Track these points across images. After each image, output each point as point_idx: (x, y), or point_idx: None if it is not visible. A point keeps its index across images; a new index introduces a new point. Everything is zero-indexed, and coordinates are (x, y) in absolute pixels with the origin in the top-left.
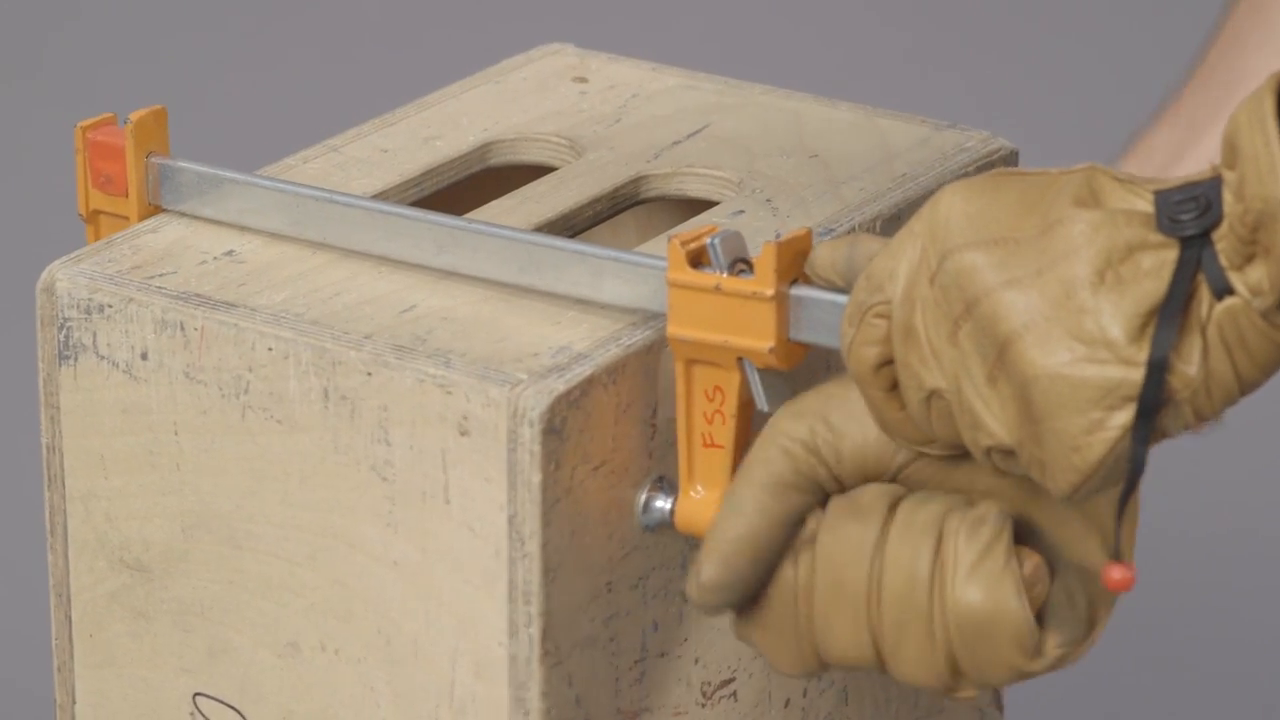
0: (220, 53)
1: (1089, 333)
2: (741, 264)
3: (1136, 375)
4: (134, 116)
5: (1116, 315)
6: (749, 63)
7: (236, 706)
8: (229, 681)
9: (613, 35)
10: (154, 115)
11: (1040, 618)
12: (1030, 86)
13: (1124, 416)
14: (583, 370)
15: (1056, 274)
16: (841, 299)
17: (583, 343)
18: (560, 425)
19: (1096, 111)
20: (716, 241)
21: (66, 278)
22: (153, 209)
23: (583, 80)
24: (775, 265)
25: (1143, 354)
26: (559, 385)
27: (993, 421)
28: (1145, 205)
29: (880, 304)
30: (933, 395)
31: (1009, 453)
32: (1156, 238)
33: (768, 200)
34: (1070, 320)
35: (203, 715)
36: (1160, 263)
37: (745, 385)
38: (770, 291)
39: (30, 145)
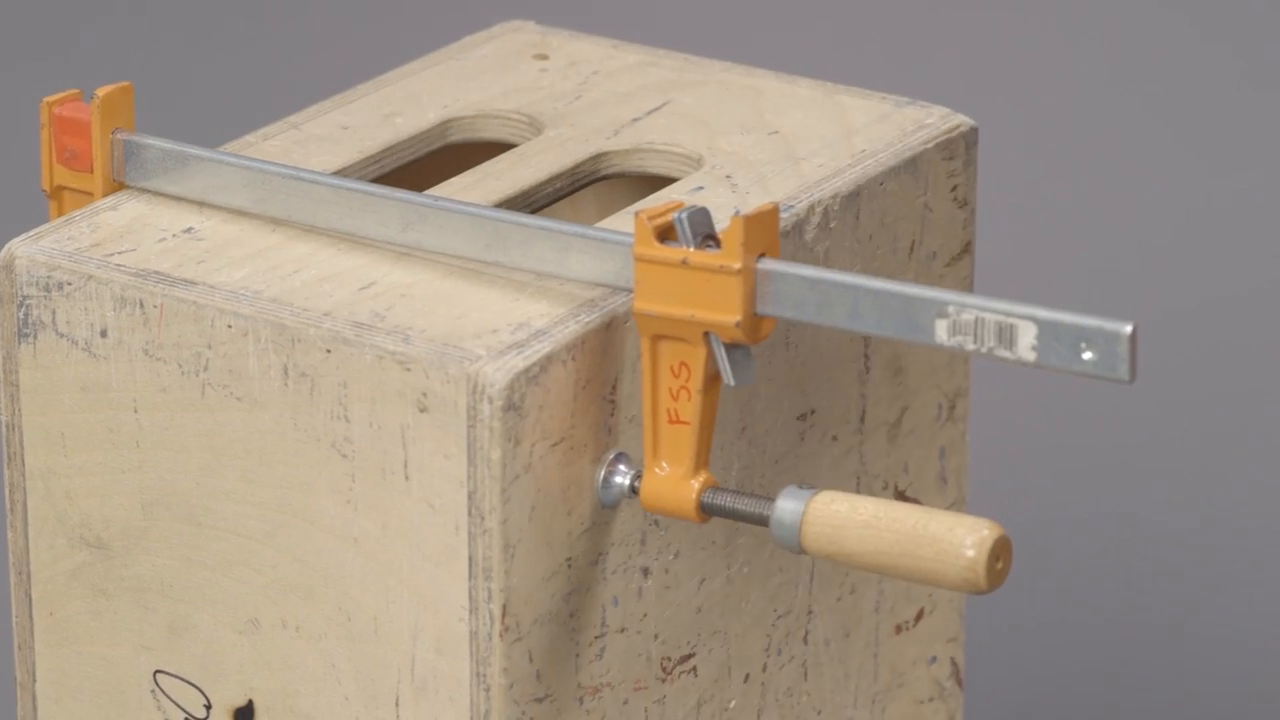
0: (181, 31)
1: None
2: (708, 239)
3: None
4: (101, 92)
5: None
6: (711, 40)
7: (197, 684)
8: (190, 659)
9: (575, 12)
10: (121, 91)
11: None
12: (988, 63)
13: None
14: (542, 347)
15: None
16: (809, 272)
17: (542, 319)
18: (520, 401)
19: (1055, 87)
20: (684, 216)
21: (25, 255)
22: (116, 185)
23: (543, 57)
24: (743, 239)
25: None
26: (519, 362)
27: None
28: None
29: None
30: None
31: None
32: None
33: (727, 176)
34: None
35: (164, 693)
36: None
37: (711, 360)
38: (738, 265)
39: None
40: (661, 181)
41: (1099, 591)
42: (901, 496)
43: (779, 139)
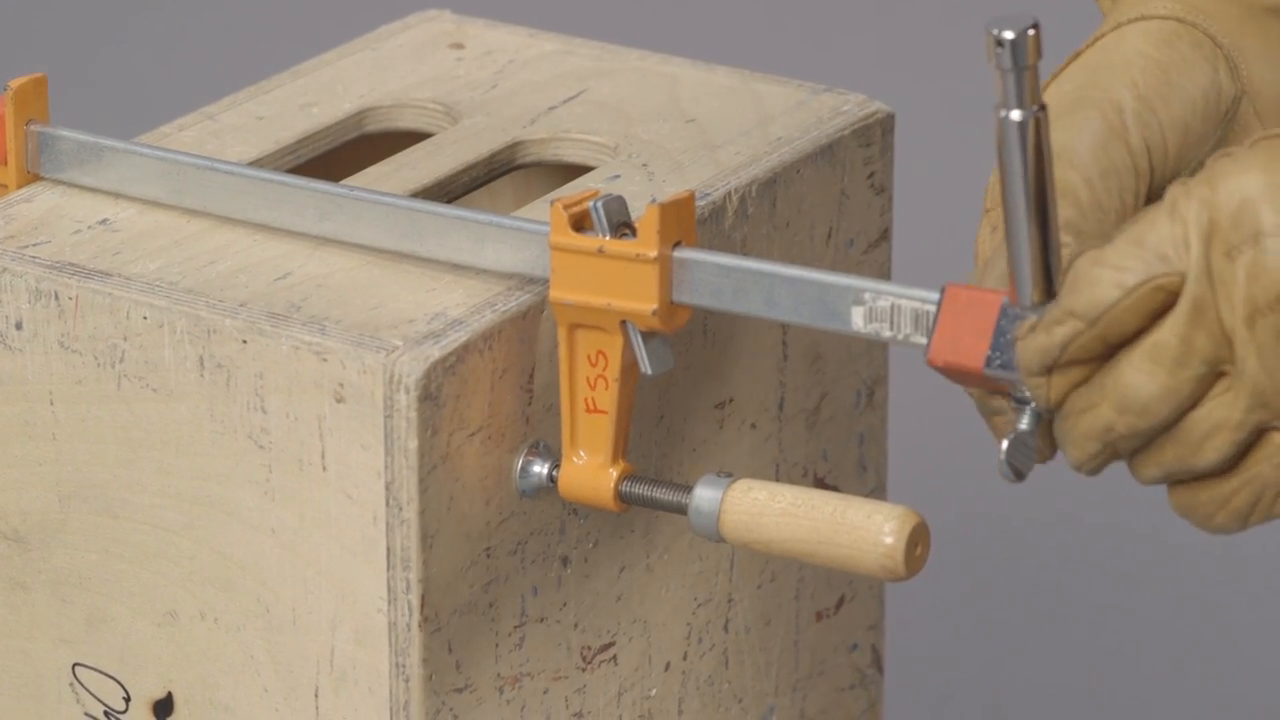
0: (96, 21)
1: None
2: (624, 227)
3: None
4: (14, 84)
5: None
6: (627, 28)
7: (116, 676)
8: (108, 652)
9: (491, 1)
10: (34, 83)
11: None
12: (905, 49)
13: None
14: (459, 336)
15: None
16: (725, 260)
17: (458, 308)
18: (436, 391)
19: (972, 71)
20: (599, 205)
21: None
22: (31, 177)
23: (459, 46)
24: (658, 227)
25: None
26: (435, 351)
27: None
28: None
29: (1167, 276)
30: (1208, 375)
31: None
32: None
33: (644, 165)
34: None
35: (82, 686)
36: None
37: (628, 349)
38: (654, 253)
39: None
40: (578, 170)
41: (1019, 578)
42: (821, 484)
43: (695, 127)
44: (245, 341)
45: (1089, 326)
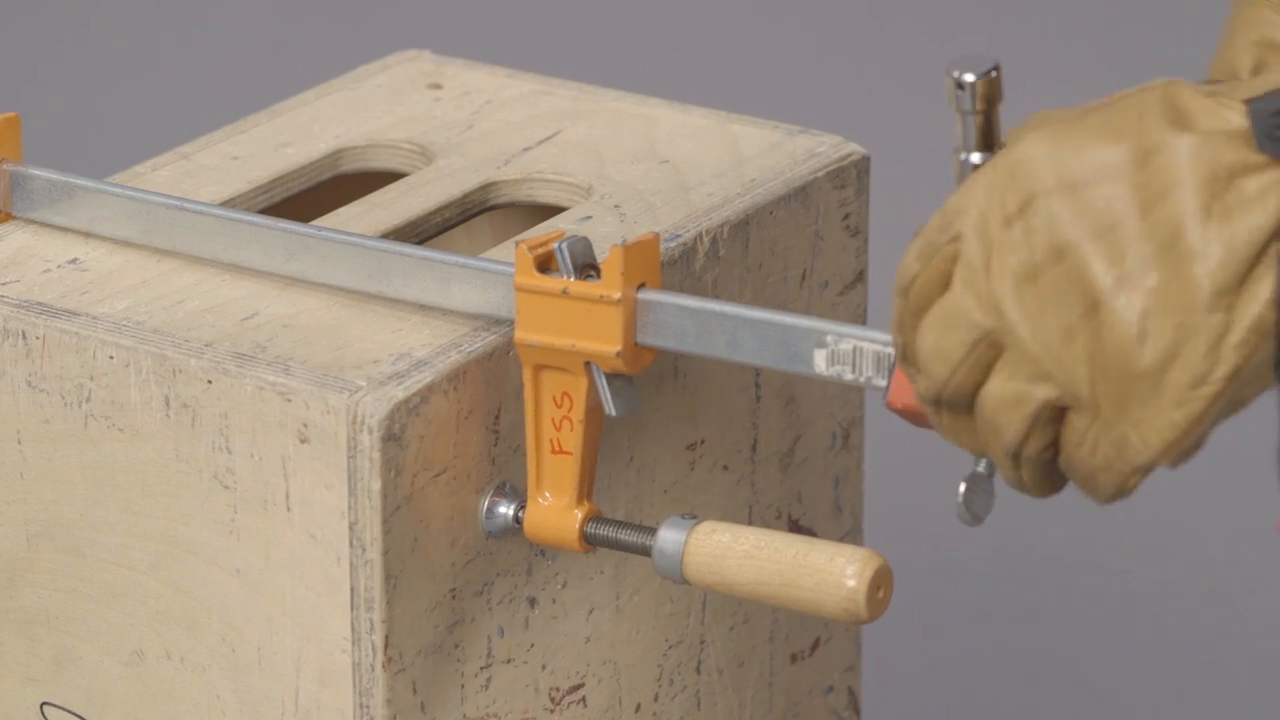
0: (74, 60)
1: (1195, 280)
2: (589, 269)
3: (1245, 321)
4: None
5: (1226, 258)
6: (607, 69)
7: (84, 715)
8: (76, 691)
9: (472, 42)
10: (6, 123)
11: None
12: (881, 91)
13: (1226, 368)
14: (423, 377)
15: (1160, 214)
16: (688, 302)
17: (423, 349)
18: (400, 432)
19: (948, 116)
20: (564, 246)
21: None
22: (3, 216)
23: (437, 86)
24: (622, 269)
25: (1258, 295)
26: (398, 392)
27: (1062, 374)
28: (1239, 119)
29: (950, 242)
30: (981, 341)
31: (1058, 411)
32: (1258, 158)
33: (616, 206)
34: (1174, 271)
35: None
36: (1265, 187)
37: (593, 391)
38: (617, 295)
39: None
40: (554, 211)
41: (997, 619)
42: (795, 526)
43: (669, 168)
44: (210, 382)
45: (904, 299)
